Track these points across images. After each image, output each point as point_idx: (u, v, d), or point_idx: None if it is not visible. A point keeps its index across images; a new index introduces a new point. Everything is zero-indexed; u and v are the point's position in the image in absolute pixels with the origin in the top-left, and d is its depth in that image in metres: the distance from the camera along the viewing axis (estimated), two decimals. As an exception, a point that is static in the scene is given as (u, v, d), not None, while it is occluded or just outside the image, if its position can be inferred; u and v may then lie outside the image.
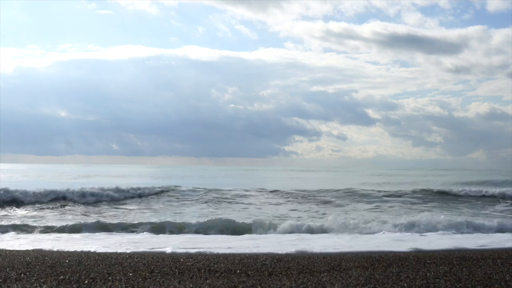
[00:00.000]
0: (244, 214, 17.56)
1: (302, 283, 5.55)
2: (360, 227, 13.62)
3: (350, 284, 5.46)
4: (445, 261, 7.39)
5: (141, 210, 18.63)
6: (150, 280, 5.69)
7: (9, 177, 44.16)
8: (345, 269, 6.63)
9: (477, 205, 21.66)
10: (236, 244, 10.12)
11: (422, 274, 6.13)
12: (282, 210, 19.41)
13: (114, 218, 15.91)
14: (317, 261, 7.39)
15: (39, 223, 14.53)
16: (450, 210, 19.53)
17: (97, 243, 10.23)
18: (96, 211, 18.54)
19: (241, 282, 5.60)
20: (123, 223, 14.44)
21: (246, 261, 7.42)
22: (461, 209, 20.24)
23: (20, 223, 14.38)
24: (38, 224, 14.18)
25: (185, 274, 6.17)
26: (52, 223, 14.56)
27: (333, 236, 11.86)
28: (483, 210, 19.79)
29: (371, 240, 10.88)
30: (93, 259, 7.45)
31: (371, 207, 20.67)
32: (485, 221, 14.65)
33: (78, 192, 21.33)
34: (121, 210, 18.67)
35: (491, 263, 7.23)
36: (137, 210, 18.61)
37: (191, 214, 17.28)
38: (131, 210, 18.61)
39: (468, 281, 5.67)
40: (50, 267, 6.53)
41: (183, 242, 10.34)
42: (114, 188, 22.75)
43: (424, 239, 11.21)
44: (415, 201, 23.34)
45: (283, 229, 13.44)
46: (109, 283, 5.50)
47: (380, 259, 7.66)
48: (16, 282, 5.50)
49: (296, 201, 22.41)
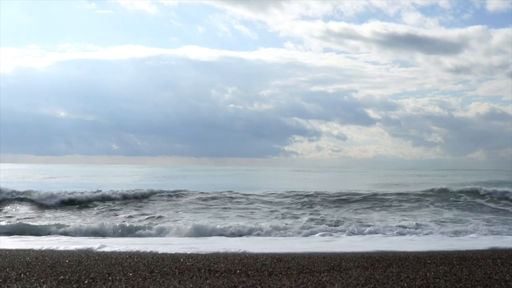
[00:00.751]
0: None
1: (302, 283, 5.55)
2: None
3: (350, 284, 5.46)
4: (445, 261, 7.39)
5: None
6: (150, 280, 5.69)
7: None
8: (345, 269, 6.63)
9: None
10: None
11: (422, 274, 6.13)
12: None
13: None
14: (317, 261, 7.39)
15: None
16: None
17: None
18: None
19: (241, 282, 5.60)
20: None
21: (246, 261, 7.42)
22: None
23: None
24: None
25: (185, 274, 6.18)
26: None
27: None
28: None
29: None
30: (93, 259, 7.45)
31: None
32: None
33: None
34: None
35: (491, 263, 7.22)
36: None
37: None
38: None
39: (468, 281, 5.66)
40: (50, 267, 6.54)
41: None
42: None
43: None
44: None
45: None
46: (109, 283, 5.50)
47: (380, 259, 7.66)
48: (16, 282, 5.50)
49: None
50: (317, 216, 16.76)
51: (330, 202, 20.88)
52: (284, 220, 15.76)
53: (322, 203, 20.41)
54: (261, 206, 19.62)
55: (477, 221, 15.69)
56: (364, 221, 15.77)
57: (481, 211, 19.02)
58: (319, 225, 14.19)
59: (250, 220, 15.72)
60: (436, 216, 17.21)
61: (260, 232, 12.91)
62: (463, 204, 20.41)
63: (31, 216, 16.55)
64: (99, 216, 16.80)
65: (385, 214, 18.04)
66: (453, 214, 17.83)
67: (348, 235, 12.50)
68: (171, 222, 15.19)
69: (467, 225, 14.41)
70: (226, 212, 18.27)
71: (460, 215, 17.59)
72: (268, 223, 14.51)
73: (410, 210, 19.33)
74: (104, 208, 18.67)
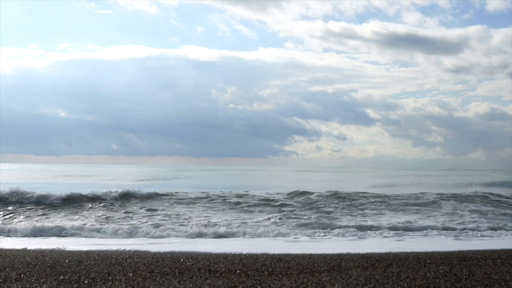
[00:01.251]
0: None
1: (302, 283, 5.56)
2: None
3: (350, 284, 5.46)
4: (445, 261, 7.39)
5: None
6: (150, 280, 5.69)
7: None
8: (345, 269, 6.63)
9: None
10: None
11: (422, 274, 6.13)
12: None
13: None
14: (317, 261, 7.39)
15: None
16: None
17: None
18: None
19: (241, 282, 5.60)
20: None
21: (246, 261, 7.42)
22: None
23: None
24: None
25: (185, 274, 6.18)
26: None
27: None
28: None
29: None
30: (93, 259, 7.45)
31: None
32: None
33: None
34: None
35: (491, 263, 7.22)
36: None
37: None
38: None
39: (468, 281, 5.66)
40: (50, 267, 6.54)
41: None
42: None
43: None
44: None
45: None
46: (109, 283, 5.50)
47: (380, 259, 7.66)
48: (16, 282, 5.50)
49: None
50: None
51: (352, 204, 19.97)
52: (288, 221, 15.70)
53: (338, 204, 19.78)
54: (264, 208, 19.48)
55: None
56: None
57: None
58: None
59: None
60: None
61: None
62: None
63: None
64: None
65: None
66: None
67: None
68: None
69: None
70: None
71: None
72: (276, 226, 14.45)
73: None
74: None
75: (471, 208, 18.88)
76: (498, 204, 20.43)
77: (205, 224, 14.35)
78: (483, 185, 33.35)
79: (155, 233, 12.51)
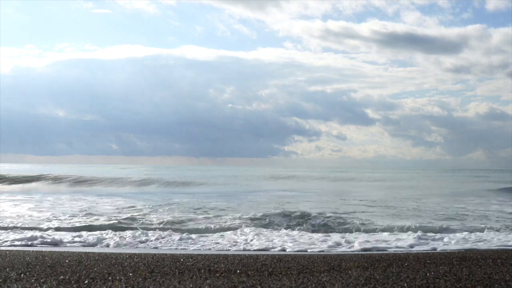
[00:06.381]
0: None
1: (302, 283, 5.55)
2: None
3: (350, 284, 5.46)
4: (445, 261, 7.39)
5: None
6: (150, 280, 5.69)
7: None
8: (345, 269, 6.63)
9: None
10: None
11: (422, 274, 6.13)
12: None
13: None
14: (317, 261, 7.39)
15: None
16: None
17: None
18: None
19: (241, 282, 5.60)
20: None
21: (246, 261, 7.42)
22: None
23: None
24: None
25: (185, 274, 6.18)
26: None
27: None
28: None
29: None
30: (93, 259, 7.45)
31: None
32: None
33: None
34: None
35: (491, 263, 7.22)
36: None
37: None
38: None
39: (468, 281, 5.66)
40: (50, 267, 6.54)
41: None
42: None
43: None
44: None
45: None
46: (109, 283, 5.50)
47: (380, 259, 7.66)
48: (16, 282, 5.50)
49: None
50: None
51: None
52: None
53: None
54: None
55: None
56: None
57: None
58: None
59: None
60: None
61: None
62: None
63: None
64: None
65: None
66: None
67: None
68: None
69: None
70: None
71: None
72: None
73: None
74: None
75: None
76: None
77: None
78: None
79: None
